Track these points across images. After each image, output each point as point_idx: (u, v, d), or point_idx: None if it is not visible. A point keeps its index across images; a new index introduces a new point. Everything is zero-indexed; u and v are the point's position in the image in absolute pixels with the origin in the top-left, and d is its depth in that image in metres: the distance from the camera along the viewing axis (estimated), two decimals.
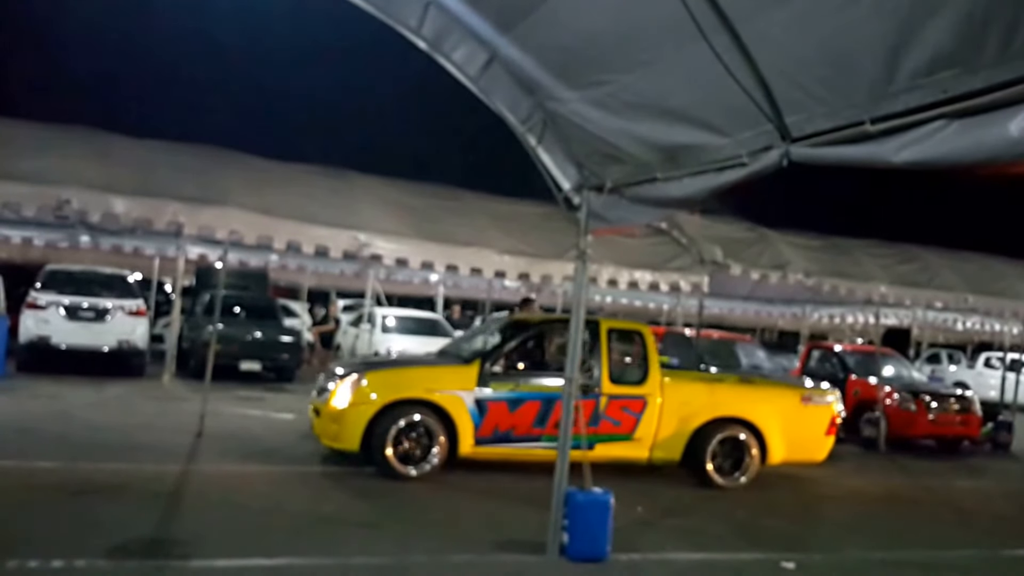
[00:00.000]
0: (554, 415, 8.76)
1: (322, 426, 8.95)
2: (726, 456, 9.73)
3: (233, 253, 13.59)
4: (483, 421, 8.88)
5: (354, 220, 9.45)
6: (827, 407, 10.30)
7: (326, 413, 8.84)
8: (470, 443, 8.86)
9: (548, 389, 9.01)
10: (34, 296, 14.86)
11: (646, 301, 22.68)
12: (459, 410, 8.81)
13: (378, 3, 5.94)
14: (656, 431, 9.47)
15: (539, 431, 9.03)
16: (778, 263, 11.79)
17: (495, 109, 6.50)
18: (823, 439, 10.21)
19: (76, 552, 5.55)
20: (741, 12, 4.22)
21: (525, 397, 9.03)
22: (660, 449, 9.51)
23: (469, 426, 8.84)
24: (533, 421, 9.02)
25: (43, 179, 8.13)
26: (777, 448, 9.87)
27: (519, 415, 8.99)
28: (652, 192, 5.95)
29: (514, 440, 9.01)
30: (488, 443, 8.93)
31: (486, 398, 8.91)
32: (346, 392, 8.74)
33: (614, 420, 9.34)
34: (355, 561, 6.07)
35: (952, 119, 3.48)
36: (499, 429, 8.95)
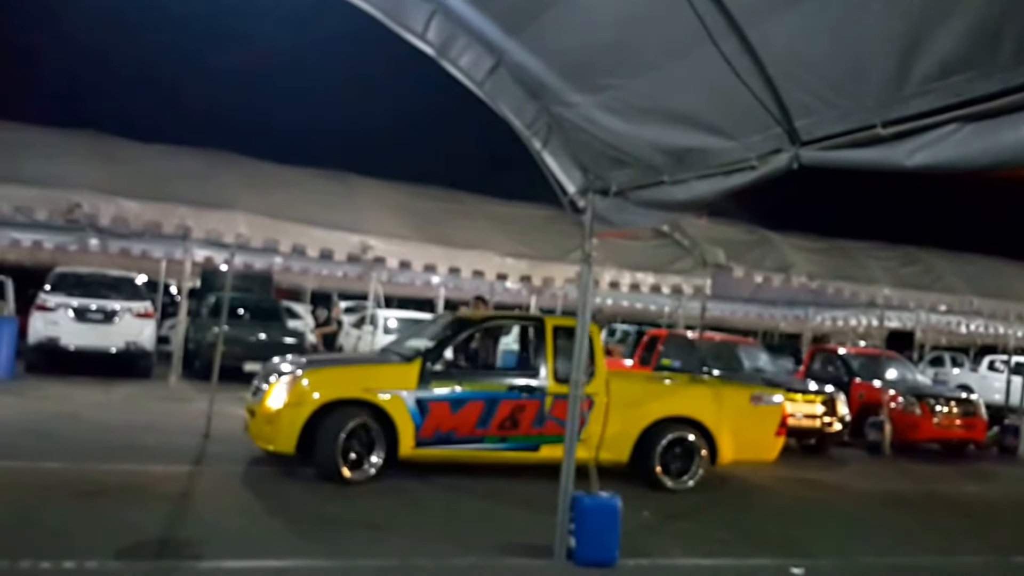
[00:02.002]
0: (498, 415, 8.74)
1: (256, 428, 8.55)
2: (675, 457, 9.46)
3: (238, 256, 13.60)
4: (424, 422, 8.53)
5: (358, 223, 9.50)
6: (777, 407, 10.15)
7: (260, 414, 8.44)
8: (410, 445, 8.51)
9: (492, 388, 8.85)
10: (43, 298, 14.96)
11: (648, 303, 22.67)
12: (399, 411, 8.44)
13: (385, 8, 5.97)
14: (602, 431, 9.15)
15: (482, 432, 8.75)
16: (781, 265, 11.79)
17: (500, 113, 6.53)
18: (773, 439, 10.04)
19: (87, 553, 5.57)
20: (750, 16, 4.23)
21: (468, 397, 8.71)
22: (607, 450, 9.13)
23: (410, 427, 8.48)
24: (476, 422, 8.72)
25: (54, 183, 8.19)
26: (727, 448, 9.63)
27: (462, 416, 8.68)
28: (658, 195, 5.97)
29: (456, 441, 8.69)
30: (429, 445, 8.59)
31: (427, 398, 8.56)
32: (281, 392, 8.36)
33: (560, 420, 8.57)
34: (361, 563, 6.08)
35: (965, 123, 3.48)
36: (441, 430, 8.61)
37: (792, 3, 4.02)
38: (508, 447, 8.86)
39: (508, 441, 8.84)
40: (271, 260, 17.54)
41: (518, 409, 8.84)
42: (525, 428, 8.85)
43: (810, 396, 13.41)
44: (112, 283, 16.02)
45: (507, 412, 8.79)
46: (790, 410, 13.01)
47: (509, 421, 8.80)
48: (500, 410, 8.77)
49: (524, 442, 8.88)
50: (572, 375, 6.69)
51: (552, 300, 22.14)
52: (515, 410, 8.82)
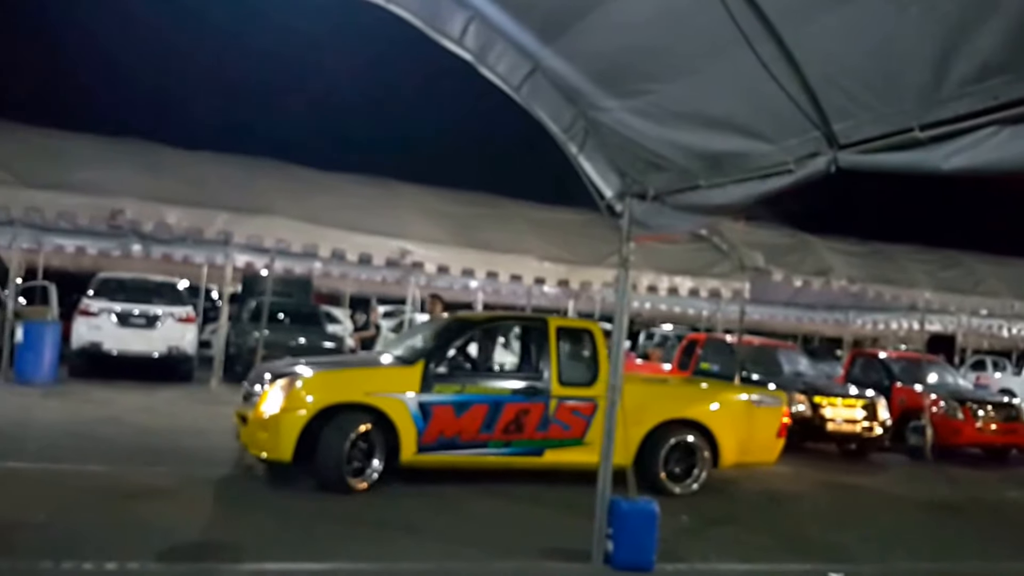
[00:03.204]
0: (502, 419, 8.49)
1: (250, 435, 8.12)
2: (678, 461, 9.26)
3: (279, 261, 13.81)
4: (427, 427, 8.21)
5: (396, 228, 9.59)
6: (777, 409, 9.97)
7: (254, 420, 8.02)
8: (412, 450, 8.19)
9: (496, 391, 8.60)
10: (86, 303, 15.22)
11: (686, 307, 22.58)
12: (401, 415, 8.11)
13: (423, 15, 6.01)
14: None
15: (486, 436, 8.49)
16: (820, 269, 11.71)
17: (537, 118, 6.54)
18: (774, 441, 9.87)
19: (128, 554, 5.66)
20: (787, 20, 4.21)
21: (472, 400, 8.42)
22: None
23: (412, 432, 8.16)
24: (480, 426, 8.44)
25: (97, 190, 8.38)
26: (729, 451, 9.43)
27: (466, 420, 8.38)
28: (696, 199, 5.95)
29: (460, 447, 8.40)
30: (432, 450, 8.28)
31: (430, 402, 8.23)
32: (277, 397, 7.93)
33: (564, 424, 8.79)
34: (400, 566, 6.13)
35: (1004, 125, 3.44)
36: (444, 435, 8.30)
37: (829, 6, 4.00)
38: (512, 452, 8.63)
39: (512, 446, 8.61)
40: (311, 265, 17.74)
41: (522, 413, 8.59)
42: (530, 432, 8.63)
43: (850, 400, 13.29)
44: (154, 288, 16.29)
45: (511, 416, 8.55)
46: (830, 415, 12.98)
47: (513, 425, 8.56)
48: (504, 414, 8.52)
49: (528, 446, 8.68)
50: (610, 379, 6.68)
51: (589, 304, 22.14)
52: (519, 414, 8.57)
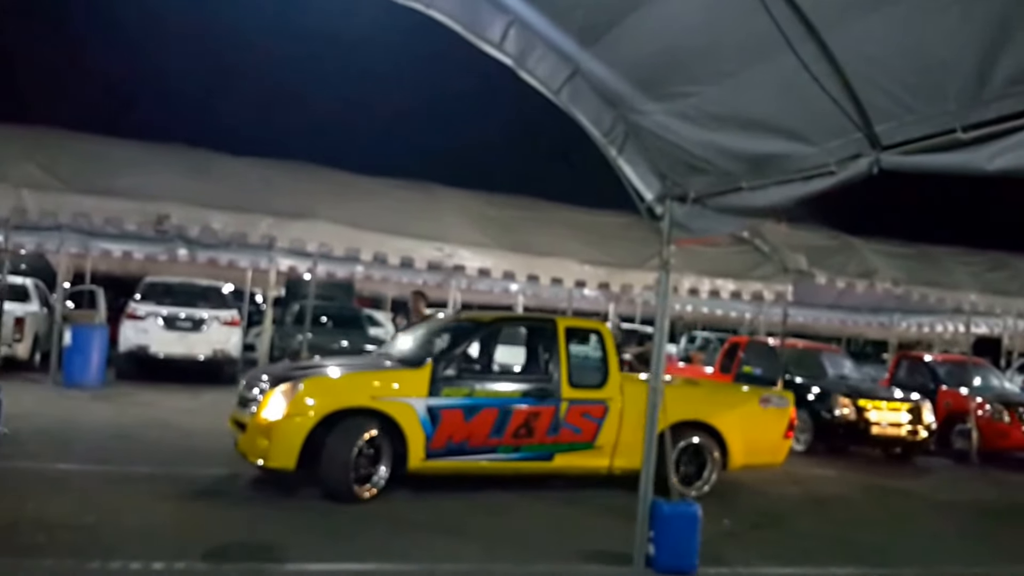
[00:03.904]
0: (512, 423, 8.24)
1: (249, 442, 7.71)
2: (688, 464, 9.04)
3: (321, 264, 13.95)
4: (436, 432, 7.91)
5: (438, 232, 9.64)
6: (785, 410, 9.75)
7: (255, 427, 7.65)
8: (421, 456, 7.89)
9: (506, 395, 8.34)
10: (133, 307, 15.50)
11: (728, 310, 22.41)
12: (409, 420, 7.82)
13: (463, 20, 6.05)
14: (617, 438, 8.69)
15: (496, 441, 8.22)
16: (864, 271, 11.56)
17: (577, 121, 6.55)
18: (782, 442, 9.68)
19: (175, 554, 5.77)
20: (828, 21, 4.20)
21: (482, 404, 8.14)
22: (621, 457, 8.69)
23: (420, 437, 7.86)
24: (490, 430, 8.17)
25: (144, 195, 8.53)
26: (738, 453, 9.23)
27: (475, 424, 8.10)
28: (737, 202, 5.93)
29: (469, 452, 8.12)
30: (441, 456, 8.00)
31: (439, 406, 7.95)
32: (279, 402, 7.59)
33: (575, 427, 8.54)
34: (440, 567, 6.17)
35: None
36: (453, 440, 8.02)
37: (871, 7, 3.98)
38: (522, 457, 8.40)
39: (522, 450, 8.37)
40: (353, 268, 17.90)
41: (533, 416, 8.33)
42: (540, 436, 8.39)
43: (895, 404, 13.15)
44: (200, 292, 16.56)
45: (522, 420, 8.29)
46: (875, 418, 12.82)
47: (524, 429, 8.30)
48: (515, 418, 8.26)
49: (539, 451, 8.44)
50: (651, 381, 6.67)
51: (631, 307, 22.06)
52: (530, 417, 8.32)
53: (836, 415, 12.93)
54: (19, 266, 18.36)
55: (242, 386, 8.45)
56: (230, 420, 8.37)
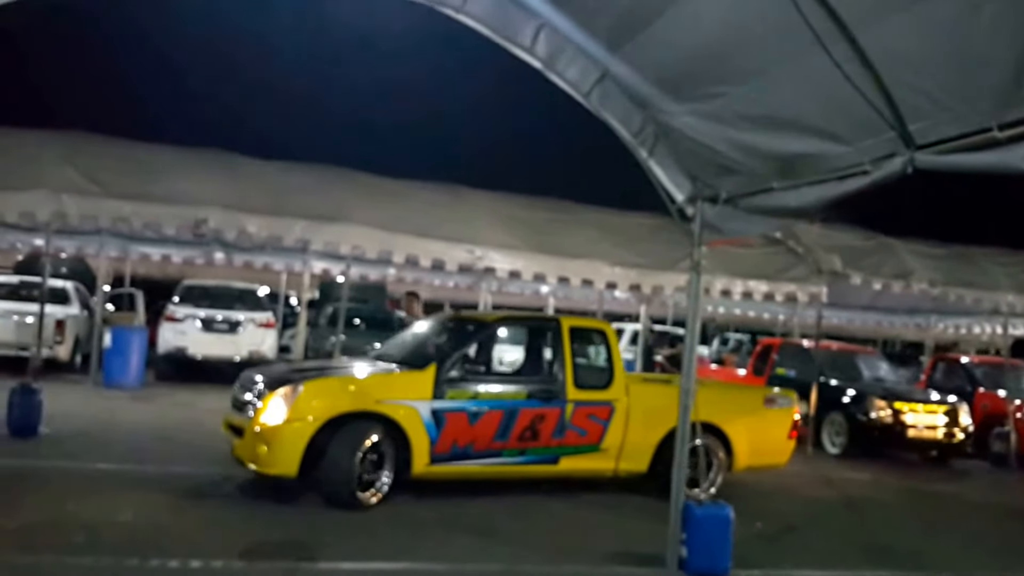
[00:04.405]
0: (518, 426, 8.03)
1: (247, 449, 7.44)
2: (693, 466, 8.89)
3: (354, 267, 14.06)
4: (440, 436, 7.69)
5: (469, 234, 9.67)
6: (790, 410, 9.55)
7: (253, 433, 7.36)
8: (425, 462, 7.67)
9: (511, 396, 8.12)
10: (172, 309, 15.79)
11: (761, 312, 22.23)
12: (414, 424, 7.59)
13: (493, 25, 6.08)
14: (623, 440, 8.55)
15: (501, 445, 8.01)
16: (900, 272, 11.44)
17: (607, 123, 6.56)
18: (786, 442, 9.47)
19: (212, 553, 5.85)
20: (860, 19, 4.18)
21: (487, 407, 7.93)
22: (627, 460, 8.60)
23: (425, 442, 7.63)
24: (495, 434, 7.96)
25: (182, 200, 8.65)
26: (743, 454, 9.03)
27: (480, 427, 7.88)
28: (769, 202, 5.90)
29: (474, 456, 7.91)
30: (445, 461, 7.79)
31: (444, 409, 7.73)
32: (280, 406, 7.30)
33: (580, 430, 8.36)
34: (468, 567, 6.20)
35: None
36: (458, 444, 7.80)
37: (903, 6, 3.95)
38: (527, 460, 8.20)
39: (528, 454, 8.18)
40: (385, 271, 18.01)
41: (538, 419, 8.14)
42: (545, 439, 8.19)
43: (932, 406, 13.01)
44: (236, 295, 16.81)
45: (527, 422, 8.09)
46: (911, 421, 12.68)
47: (529, 432, 8.10)
48: (520, 420, 8.06)
49: (544, 454, 8.25)
50: (682, 383, 6.65)
51: (662, 309, 21.95)
52: (535, 420, 8.12)
53: (872, 418, 12.81)
54: (60, 269, 18.68)
55: (236, 388, 8.14)
56: (223, 424, 8.07)
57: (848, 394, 13.31)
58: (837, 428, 13.29)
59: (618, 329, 24.56)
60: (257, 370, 8.36)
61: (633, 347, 20.52)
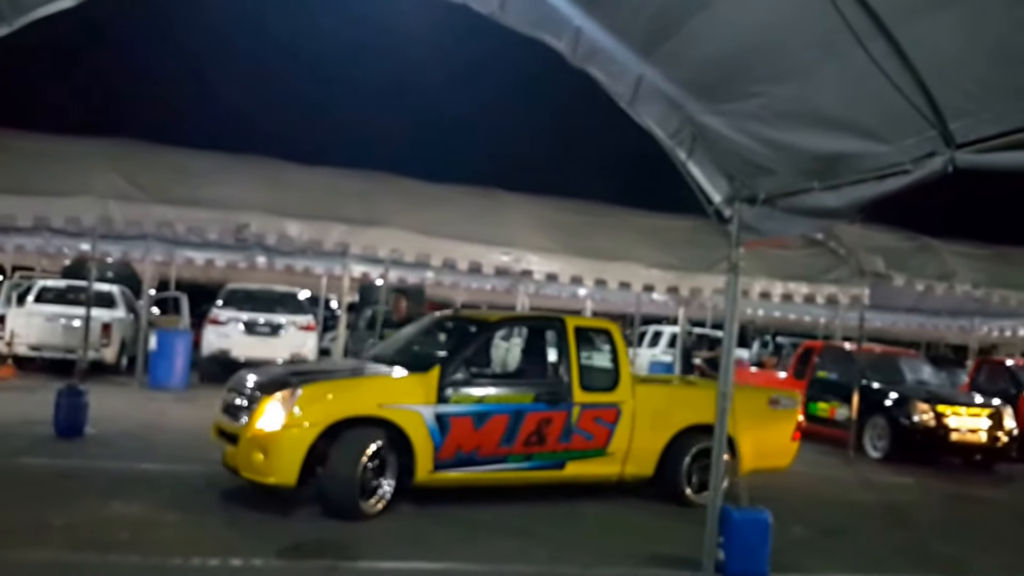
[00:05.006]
0: (523, 430, 7.72)
1: (242, 457, 7.02)
2: (698, 469, 8.52)
3: (393, 270, 14.18)
4: (444, 441, 7.37)
5: (505, 237, 9.72)
6: (793, 411, 9.28)
7: (249, 439, 6.98)
8: (428, 468, 7.34)
9: (517, 399, 7.79)
10: (216, 313, 16.08)
11: (802, 314, 22.04)
12: (417, 429, 7.25)
13: (529, 27, 6.12)
14: (629, 444, 8.27)
15: (506, 450, 7.69)
16: (944, 274, 11.28)
17: (643, 124, 6.54)
18: (789, 444, 9.18)
19: (252, 552, 5.94)
20: (898, 16, 4.14)
21: (492, 410, 7.61)
22: (633, 464, 8.33)
23: (429, 448, 7.30)
24: (500, 439, 7.64)
25: (224, 205, 8.81)
26: (747, 457, 8.53)
27: (485, 432, 7.56)
28: (808, 202, 5.86)
29: (478, 463, 7.59)
30: (449, 467, 7.46)
31: (448, 413, 7.39)
32: (277, 411, 6.93)
33: (587, 433, 8.06)
34: (509, 568, 6.22)
35: None
36: (463, 450, 7.48)
37: (942, 3, 3.92)
38: (533, 466, 7.89)
39: (533, 459, 7.87)
40: (423, 274, 18.14)
41: (544, 422, 7.83)
42: (552, 443, 7.90)
43: (975, 410, 12.80)
44: (278, 298, 17.06)
45: (533, 426, 7.78)
46: (954, 424, 12.48)
47: (535, 436, 7.80)
48: (526, 424, 7.75)
49: (550, 459, 7.95)
50: (720, 386, 6.61)
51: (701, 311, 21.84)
52: (541, 423, 7.82)
53: (914, 421, 12.63)
54: (106, 274, 19.05)
55: (228, 390, 7.75)
56: (212, 429, 7.72)
57: (890, 397, 13.14)
58: (879, 432, 13.12)
59: (656, 332, 24.61)
60: (251, 372, 8.01)
61: (672, 350, 20.49)
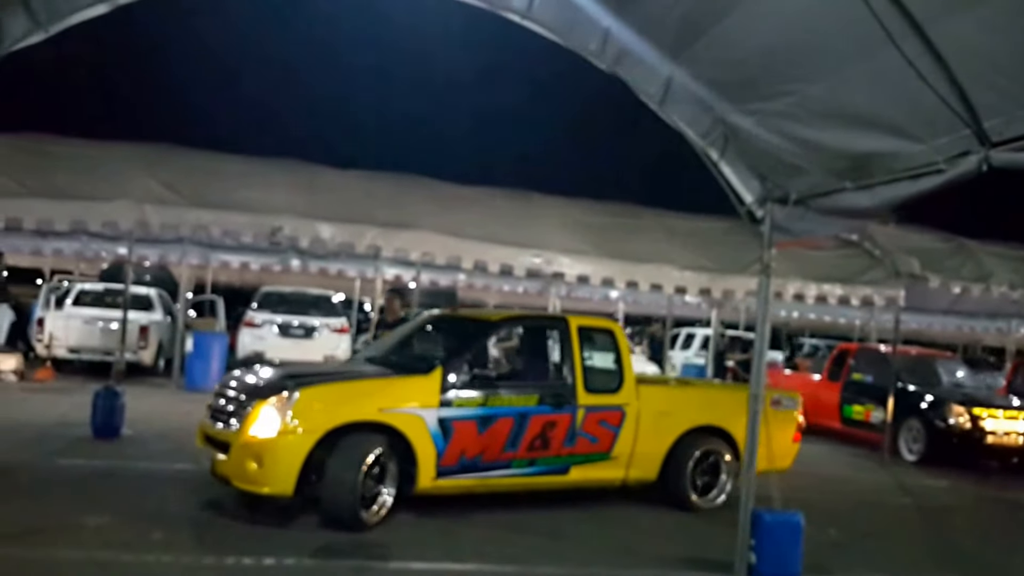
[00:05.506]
0: (528, 434, 7.47)
1: (234, 465, 6.66)
2: (702, 473, 8.41)
3: (424, 273, 14.26)
4: (447, 447, 7.07)
5: (536, 239, 9.72)
6: (794, 412, 9.03)
7: (241, 447, 6.61)
8: (431, 476, 7.03)
9: (521, 402, 7.50)
10: (251, 315, 16.34)
11: (837, 316, 21.84)
12: (420, 434, 6.94)
13: (559, 30, 6.13)
14: (633, 447, 8.07)
15: (510, 455, 7.44)
16: (980, 275, 11.12)
17: (674, 126, 6.52)
18: (790, 446, 8.92)
19: (285, 551, 6.01)
20: (931, 15, 4.10)
21: (497, 414, 7.33)
22: (637, 467, 8.13)
23: (431, 454, 7.00)
24: (504, 443, 7.38)
25: (258, 209, 8.90)
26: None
27: (489, 436, 7.29)
28: (841, 202, 5.81)
29: (481, 468, 7.31)
30: (452, 474, 7.17)
31: (451, 417, 7.09)
32: (272, 417, 6.56)
33: (591, 437, 7.84)
34: (539, 570, 6.25)
35: None
36: (466, 456, 7.19)
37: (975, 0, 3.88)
38: (537, 471, 7.67)
39: (537, 464, 7.63)
40: (455, 277, 18.22)
41: (549, 426, 7.59)
42: (556, 448, 7.66)
43: (1012, 412, 12.62)
44: (312, 301, 17.27)
45: (538, 430, 7.54)
46: (991, 427, 12.31)
47: (539, 440, 7.56)
48: (530, 428, 7.50)
49: (554, 464, 7.72)
50: (752, 388, 6.58)
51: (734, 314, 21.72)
52: (546, 427, 7.58)
53: (950, 424, 12.47)
54: (143, 277, 19.33)
55: (215, 394, 7.46)
56: (198, 435, 7.36)
57: (926, 400, 12.99)
58: (915, 435, 12.98)
59: (689, 334, 24.48)
60: (240, 374, 7.72)
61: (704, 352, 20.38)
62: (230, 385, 7.36)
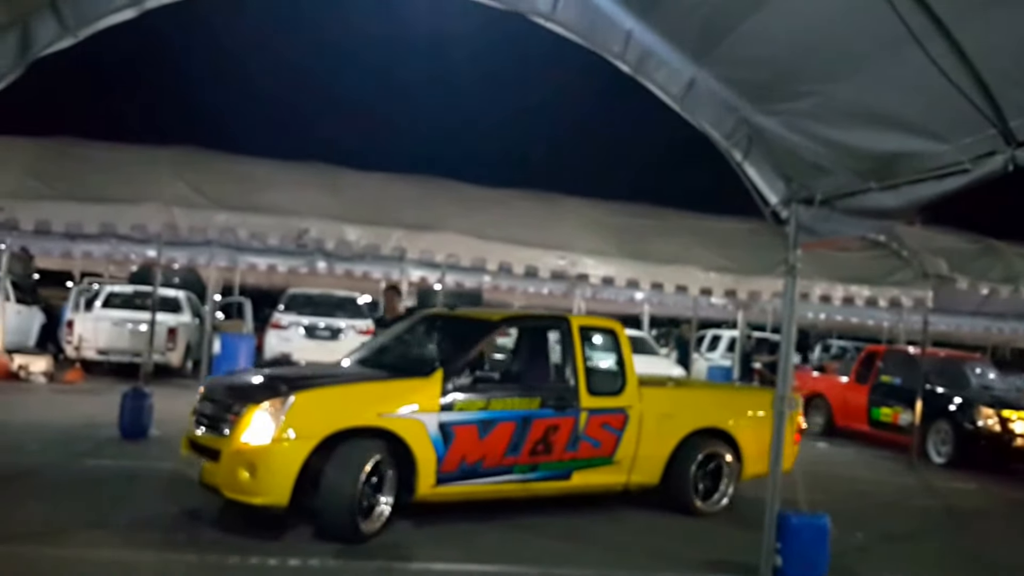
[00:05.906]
0: (530, 438, 7.21)
1: (224, 474, 6.26)
2: (705, 476, 8.22)
3: (449, 275, 14.30)
4: (448, 452, 6.76)
5: (561, 241, 9.74)
6: (795, 413, 8.39)
7: (232, 455, 6.23)
8: (431, 482, 6.72)
9: (524, 405, 7.23)
10: (277, 317, 16.52)
11: (864, 318, 21.65)
12: (420, 440, 6.63)
13: (582, 32, 6.13)
14: (636, 451, 7.84)
15: (512, 460, 7.16)
16: (1008, 276, 11.01)
17: (698, 127, 6.50)
18: (791, 448, 8.38)
19: (309, 552, 6.05)
20: (956, 15, 4.08)
21: (499, 418, 7.05)
22: (639, 472, 7.91)
23: (431, 460, 6.69)
24: (506, 448, 7.10)
25: (285, 211, 8.99)
26: (752, 462, 8.24)
27: (490, 441, 7.00)
28: (866, 203, 5.78)
29: (483, 474, 7.04)
30: (452, 480, 6.86)
31: (452, 421, 6.80)
32: (266, 422, 6.19)
33: (594, 441, 7.59)
34: (560, 571, 6.24)
35: None
36: (467, 461, 6.90)
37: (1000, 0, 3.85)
38: (539, 477, 7.38)
39: (539, 469, 7.35)
40: (480, 278, 18.25)
41: (552, 429, 7.33)
42: (559, 452, 7.41)
43: None
44: (337, 303, 17.42)
45: (540, 433, 7.27)
46: (1021, 430, 12.16)
47: (542, 444, 7.30)
48: (533, 431, 7.23)
49: (557, 469, 7.47)
50: (778, 390, 6.54)
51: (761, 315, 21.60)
52: (548, 431, 7.32)
53: (979, 426, 12.35)
54: (172, 279, 19.54)
55: (201, 398, 7.07)
56: (183, 443, 7.00)
57: (955, 402, 12.86)
58: (943, 437, 12.85)
59: (715, 336, 24.37)
60: (230, 377, 7.32)
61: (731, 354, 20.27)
62: (219, 389, 7.07)
